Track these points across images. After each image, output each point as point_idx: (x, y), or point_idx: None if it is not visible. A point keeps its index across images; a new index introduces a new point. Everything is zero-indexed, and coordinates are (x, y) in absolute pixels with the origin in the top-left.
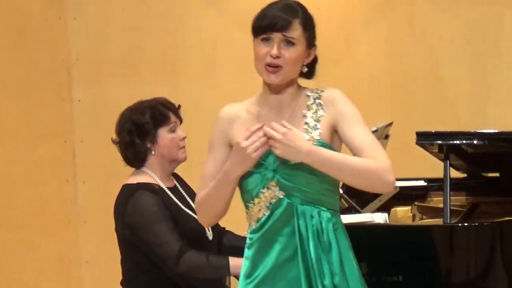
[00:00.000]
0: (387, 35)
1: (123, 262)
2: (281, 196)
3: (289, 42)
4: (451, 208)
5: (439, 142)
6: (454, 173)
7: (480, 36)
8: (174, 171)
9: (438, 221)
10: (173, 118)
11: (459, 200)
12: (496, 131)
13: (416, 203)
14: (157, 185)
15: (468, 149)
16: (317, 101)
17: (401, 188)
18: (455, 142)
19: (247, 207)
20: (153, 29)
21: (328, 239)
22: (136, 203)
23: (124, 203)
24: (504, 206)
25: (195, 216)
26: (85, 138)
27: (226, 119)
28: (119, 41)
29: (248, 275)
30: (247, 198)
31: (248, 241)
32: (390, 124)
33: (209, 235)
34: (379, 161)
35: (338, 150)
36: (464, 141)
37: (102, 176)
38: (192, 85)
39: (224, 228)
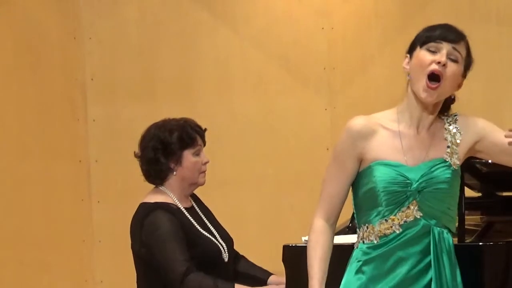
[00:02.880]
0: (403, 54)
1: (139, 281)
2: (418, 217)
3: (454, 59)
4: (466, 227)
5: None
6: (469, 192)
7: (494, 55)
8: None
9: (453, 240)
10: (199, 141)
11: (473, 219)
12: None
13: None
14: (174, 205)
15: (482, 168)
16: (453, 125)
17: None
18: (469, 161)
19: (371, 222)
20: (168, 48)
21: (455, 260)
22: (152, 221)
23: (141, 221)
24: None
25: (211, 238)
26: (99, 158)
27: (361, 133)
28: (133, 61)
29: None
30: (378, 214)
31: (363, 255)
32: None
33: (225, 257)
34: None
35: None
36: (479, 160)
37: (116, 195)
38: (207, 105)
39: (237, 252)
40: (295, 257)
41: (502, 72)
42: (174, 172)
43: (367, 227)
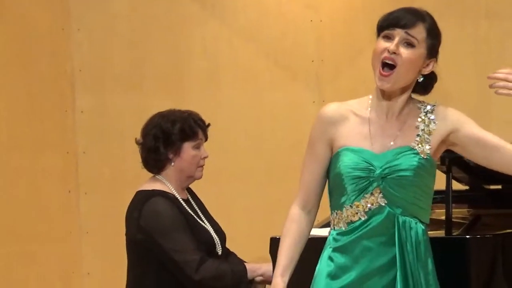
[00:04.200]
0: None
1: (130, 268)
2: (383, 204)
3: (409, 44)
4: (453, 220)
5: (442, 154)
6: (457, 185)
7: (484, 50)
8: None
9: (440, 233)
10: (200, 135)
11: (461, 212)
12: None
13: None
14: (172, 194)
15: (470, 162)
16: (429, 114)
17: None
18: (457, 154)
19: (339, 208)
20: (157, 40)
21: (425, 250)
22: (153, 208)
23: (139, 207)
24: (506, 218)
25: (208, 229)
26: (87, 149)
27: (331, 119)
28: (122, 52)
29: (334, 276)
30: (345, 200)
31: (333, 242)
32: None
33: (219, 250)
34: None
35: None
36: None
37: (104, 187)
38: (196, 97)
39: (228, 249)
40: None
41: (491, 65)
42: (172, 163)
43: (337, 213)
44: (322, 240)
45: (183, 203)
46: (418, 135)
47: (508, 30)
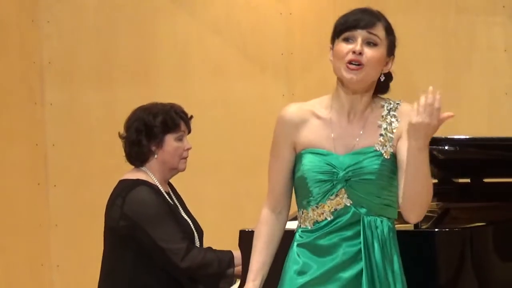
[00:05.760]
0: None
1: (106, 257)
2: (348, 204)
3: (372, 43)
4: None
5: None
6: None
7: (452, 43)
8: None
9: (409, 226)
10: (182, 127)
11: (429, 205)
12: (467, 137)
13: None
14: (155, 185)
15: (439, 155)
16: (392, 112)
17: None
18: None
19: (305, 207)
20: (126, 33)
21: (391, 248)
22: (138, 196)
23: (123, 195)
24: (475, 211)
25: (189, 221)
26: (57, 142)
27: (292, 122)
28: (92, 45)
29: (300, 272)
30: (310, 201)
31: (300, 239)
32: None
33: (197, 243)
34: None
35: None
36: (435, 147)
37: (73, 179)
38: (165, 89)
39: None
40: (251, 242)
41: (459, 58)
42: (155, 155)
43: (303, 212)
44: (291, 233)
45: (165, 195)
46: (381, 134)
47: (477, 24)
